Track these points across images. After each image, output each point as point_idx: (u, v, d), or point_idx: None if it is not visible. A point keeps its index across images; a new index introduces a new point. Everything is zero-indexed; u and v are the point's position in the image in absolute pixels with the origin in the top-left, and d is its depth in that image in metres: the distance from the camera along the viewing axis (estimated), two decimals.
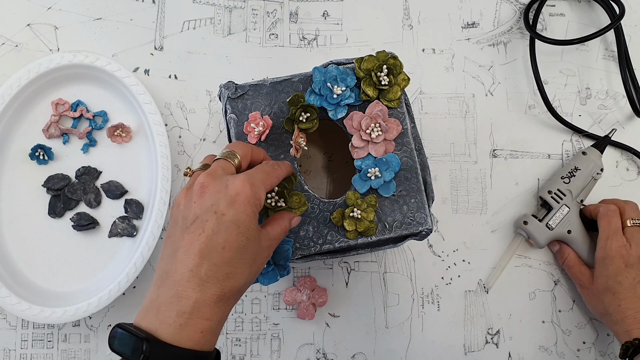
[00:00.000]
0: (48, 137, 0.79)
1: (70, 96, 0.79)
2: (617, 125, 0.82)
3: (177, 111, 0.81)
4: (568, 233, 0.76)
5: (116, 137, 0.79)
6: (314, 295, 0.76)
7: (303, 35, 0.83)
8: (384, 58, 0.67)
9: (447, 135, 0.82)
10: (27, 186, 0.78)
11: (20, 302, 0.72)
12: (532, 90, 0.83)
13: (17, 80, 0.76)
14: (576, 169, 0.77)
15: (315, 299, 0.76)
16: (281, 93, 0.68)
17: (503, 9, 0.84)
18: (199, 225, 0.49)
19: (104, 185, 0.78)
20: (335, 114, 0.67)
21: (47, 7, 0.82)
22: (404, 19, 0.84)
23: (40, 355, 0.77)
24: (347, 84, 0.66)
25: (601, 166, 0.78)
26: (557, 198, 0.77)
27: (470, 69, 0.83)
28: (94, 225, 0.77)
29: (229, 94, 0.68)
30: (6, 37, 0.81)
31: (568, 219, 0.76)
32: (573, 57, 0.84)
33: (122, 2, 0.83)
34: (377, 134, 0.66)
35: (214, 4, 0.83)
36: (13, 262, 0.76)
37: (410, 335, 0.78)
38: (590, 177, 0.77)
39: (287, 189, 0.65)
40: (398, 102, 0.67)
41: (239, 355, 0.78)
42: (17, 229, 0.77)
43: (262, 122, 0.66)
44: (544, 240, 0.76)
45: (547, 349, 0.78)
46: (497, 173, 0.81)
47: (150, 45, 0.82)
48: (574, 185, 0.77)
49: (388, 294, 0.79)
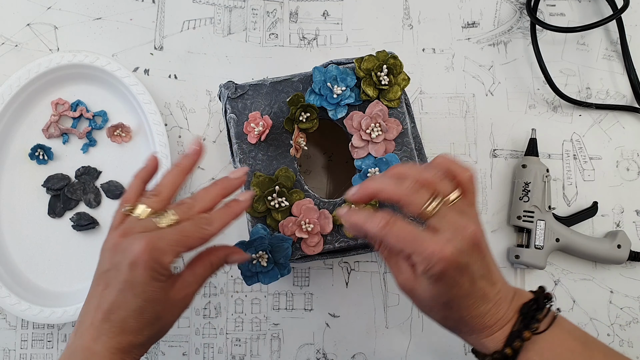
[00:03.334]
0: (48, 137, 0.79)
1: (70, 96, 0.79)
2: (617, 125, 0.82)
3: (177, 111, 0.81)
4: (557, 242, 0.77)
5: (116, 137, 0.79)
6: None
7: (303, 35, 0.83)
8: (384, 58, 0.67)
9: (447, 135, 0.82)
10: (26, 186, 0.78)
11: (20, 302, 0.72)
12: (532, 90, 0.83)
13: (17, 80, 0.76)
14: (527, 184, 0.77)
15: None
16: (281, 93, 0.68)
17: (503, 8, 0.84)
18: (105, 279, 0.52)
19: (104, 185, 0.78)
20: (335, 113, 0.67)
21: (47, 7, 0.82)
22: (404, 19, 0.84)
23: (40, 355, 0.77)
24: (347, 83, 0.66)
25: (545, 168, 0.78)
26: (529, 219, 0.77)
27: (471, 68, 0.83)
28: (93, 225, 0.77)
29: (228, 93, 0.68)
30: (6, 37, 0.81)
31: (550, 230, 0.77)
32: (573, 56, 0.84)
33: (122, 2, 0.82)
34: (377, 133, 0.66)
35: (214, 4, 0.83)
36: (13, 262, 0.76)
37: (410, 335, 0.78)
38: (542, 182, 0.77)
39: (287, 188, 0.65)
40: (398, 102, 0.67)
41: (239, 355, 0.78)
42: (17, 229, 0.77)
43: (262, 122, 0.66)
44: (542, 261, 0.77)
45: None
46: (497, 173, 0.81)
47: (150, 45, 0.82)
48: (534, 198, 0.77)
49: (388, 294, 0.79)
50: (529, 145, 0.80)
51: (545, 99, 0.83)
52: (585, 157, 0.82)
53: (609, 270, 0.80)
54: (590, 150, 0.82)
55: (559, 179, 0.81)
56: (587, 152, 0.82)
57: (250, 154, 0.67)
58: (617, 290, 0.80)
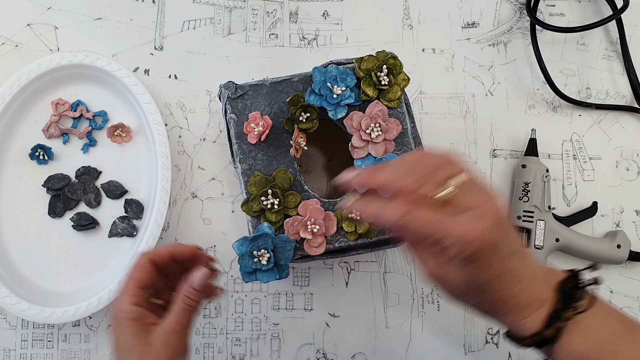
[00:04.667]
0: (48, 137, 0.79)
1: (70, 96, 0.79)
2: (617, 125, 0.82)
3: (177, 111, 0.81)
4: (557, 242, 0.77)
5: (116, 137, 0.79)
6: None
7: (303, 35, 0.83)
8: (384, 58, 0.67)
9: (447, 135, 0.82)
10: (27, 186, 0.78)
11: (20, 302, 0.72)
12: (532, 90, 0.83)
13: (17, 80, 0.76)
14: (527, 184, 0.77)
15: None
16: (281, 93, 0.68)
17: (503, 8, 0.84)
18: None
19: (104, 185, 0.78)
20: (335, 114, 0.67)
21: (47, 7, 0.82)
22: (404, 19, 0.84)
23: (40, 355, 0.77)
24: (347, 83, 0.66)
25: (545, 168, 0.78)
26: (529, 219, 0.77)
27: (470, 68, 0.83)
28: (94, 225, 0.77)
29: (228, 93, 0.68)
30: (6, 37, 0.81)
31: (550, 230, 0.77)
32: (573, 57, 0.84)
33: (122, 2, 0.82)
34: (377, 134, 0.66)
35: (214, 4, 0.83)
36: (13, 262, 0.76)
37: (410, 335, 0.78)
38: (542, 182, 0.78)
39: (282, 189, 0.65)
40: (398, 102, 0.67)
41: (239, 355, 0.78)
42: (17, 229, 0.77)
43: (262, 122, 0.66)
44: (542, 262, 0.77)
45: None
46: (496, 173, 0.81)
47: (150, 45, 0.82)
48: (534, 198, 0.77)
49: (388, 294, 0.79)
50: (529, 145, 0.80)
51: (545, 99, 0.83)
52: (585, 157, 0.82)
53: (609, 270, 0.80)
54: (590, 150, 0.82)
55: (558, 179, 0.81)
56: (587, 152, 0.82)
57: (250, 154, 0.67)
58: (617, 290, 0.80)
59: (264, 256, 0.62)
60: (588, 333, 0.48)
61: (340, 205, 0.65)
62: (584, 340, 0.48)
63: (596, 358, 0.48)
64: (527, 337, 0.49)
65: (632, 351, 0.48)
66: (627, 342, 0.48)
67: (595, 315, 0.49)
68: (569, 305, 0.48)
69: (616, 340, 0.48)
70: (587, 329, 0.48)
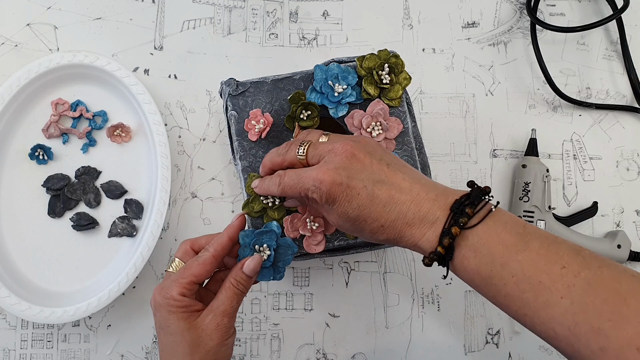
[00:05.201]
0: (48, 137, 0.78)
1: (70, 96, 0.79)
2: (617, 125, 0.82)
3: (177, 111, 0.81)
4: None
5: (116, 137, 0.78)
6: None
7: (303, 35, 0.83)
8: (385, 56, 0.67)
9: (447, 135, 0.82)
10: (26, 186, 0.78)
11: (20, 302, 0.72)
12: (532, 90, 0.83)
13: (16, 80, 0.76)
14: (527, 184, 0.78)
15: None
16: (282, 90, 0.68)
17: (503, 8, 0.85)
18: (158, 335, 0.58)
19: (104, 185, 0.78)
20: (336, 112, 0.67)
21: (47, 7, 0.82)
22: (404, 19, 0.84)
23: (40, 355, 0.77)
24: (349, 82, 0.66)
25: (545, 168, 0.78)
26: (529, 219, 0.77)
27: (471, 68, 0.83)
28: (93, 225, 0.77)
29: (230, 90, 0.68)
30: (6, 37, 0.81)
31: (550, 230, 0.77)
32: (573, 56, 0.84)
33: (122, 2, 0.82)
34: (377, 132, 0.66)
35: (214, 4, 0.83)
36: (13, 262, 0.76)
37: (410, 335, 0.78)
38: (542, 182, 0.78)
39: None
40: (399, 101, 0.67)
41: (239, 356, 0.77)
42: (17, 229, 0.77)
43: (263, 120, 0.66)
44: None
45: (548, 349, 0.78)
46: (497, 173, 0.81)
47: (150, 45, 0.82)
48: (534, 199, 0.77)
49: (388, 294, 0.79)
50: (529, 145, 0.80)
51: (545, 99, 0.83)
52: (585, 157, 0.82)
53: None
54: (590, 150, 0.82)
55: (559, 179, 0.81)
56: (587, 152, 0.82)
57: (250, 151, 0.67)
58: None
59: (264, 252, 0.61)
60: (477, 247, 0.49)
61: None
62: (474, 255, 0.49)
63: (487, 272, 0.48)
64: (425, 256, 0.51)
65: (521, 260, 0.47)
66: (518, 251, 0.47)
67: (487, 229, 0.49)
68: (458, 221, 0.49)
69: (506, 252, 0.48)
70: (477, 243, 0.49)
